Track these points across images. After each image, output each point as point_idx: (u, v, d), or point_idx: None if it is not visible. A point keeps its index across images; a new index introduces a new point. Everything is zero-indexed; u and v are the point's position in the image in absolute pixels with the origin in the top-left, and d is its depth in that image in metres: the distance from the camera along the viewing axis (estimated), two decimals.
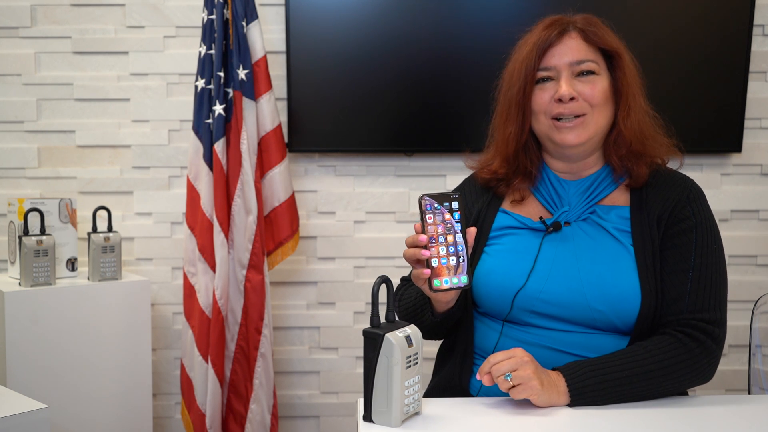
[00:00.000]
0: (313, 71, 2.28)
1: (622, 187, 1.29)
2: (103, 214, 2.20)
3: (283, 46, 2.32)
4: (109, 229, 2.13)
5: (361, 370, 1.50)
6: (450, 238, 1.09)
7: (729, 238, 2.30)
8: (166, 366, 2.42)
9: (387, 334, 0.98)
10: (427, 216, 1.08)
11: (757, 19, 2.31)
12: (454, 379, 1.29)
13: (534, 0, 2.24)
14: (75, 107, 2.34)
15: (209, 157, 2.14)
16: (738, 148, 2.33)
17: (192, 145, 2.17)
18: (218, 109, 2.12)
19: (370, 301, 1.12)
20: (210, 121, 2.14)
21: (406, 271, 1.56)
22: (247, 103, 2.14)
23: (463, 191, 1.41)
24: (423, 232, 1.08)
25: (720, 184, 2.39)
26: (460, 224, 1.10)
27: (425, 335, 1.30)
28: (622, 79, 1.26)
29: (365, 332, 0.99)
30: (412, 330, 1.02)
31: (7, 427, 1.30)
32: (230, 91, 2.15)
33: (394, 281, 1.06)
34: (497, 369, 1.06)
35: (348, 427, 2.44)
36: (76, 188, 2.36)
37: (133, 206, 2.38)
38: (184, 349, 2.20)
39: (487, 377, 1.07)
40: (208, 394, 2.12)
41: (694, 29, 2.27)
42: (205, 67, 2.13)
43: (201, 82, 2.13)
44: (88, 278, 2.09)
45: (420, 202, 1.08)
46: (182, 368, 2.21)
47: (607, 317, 1.18)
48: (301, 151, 2.34)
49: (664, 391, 1.14)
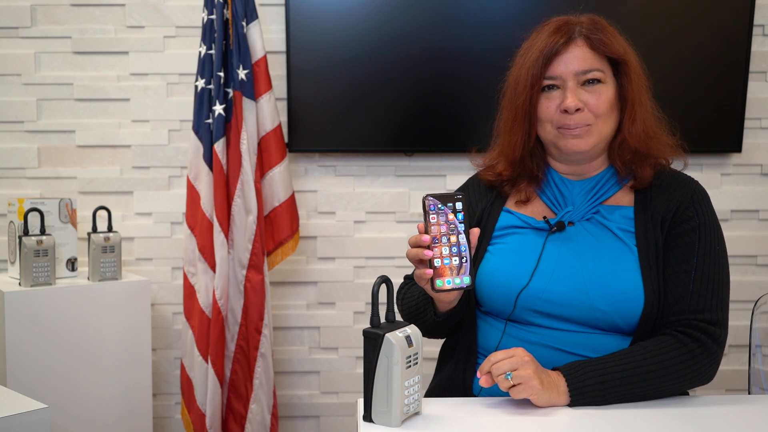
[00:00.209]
0: (313, 71, 2.28)
1: (627, 188, 1.29)
2: (103, 214, 2.20)
3: (283, 46, 2.32)
4: (109, 229, 2.13)
5: (361, 370, 1.50)
6: (453, 239, 1.09)
7: (729, 238, 2.27)
8: (166, 366, 2.42)
9: (387, 334, 0.98)
10: (431, 216, 1.08)
11: (757, 19, 2.31)
12: (456, 378, 1.29)
13: (534, 0, 2.24)
14: (75, 107, 2.34)
15: (209, 157, 2.14)
16: (738, 148, 2.33)
17: (192, 145, 2.17)
18: (218, 109, 2.12)
19: (370, 301, 1.12)
20: (210, 121, 2.14)
21: (407, 271, 1.56)
22: (247, 103, 2.14)
23: (467, 190, 1.41)
24: (426, 232, 1.08)
25: (720, 184, 2.39)
26: (463, 225, 1.10)
27: (427, 334, 1.30)
28: (627, 86, 1.25)
29: (365, 332, 1.00)
30: (412, 330, 1.02)
31: (7, 427, 1.30)
32: (230, 91, 2.15)
33: (394, 281, 1.06)
34: (497, 368, 1.06)
35: (348, 427, 2.44)
36: (76, 188, 2.36)
37: (133, 206, 2.38)
38: (184, 349, 2.20)
39: (485, 378, 1.07)
40: (208, 394, 2.12)
41: (694, 29, 2.27)
42: (205, 67, 2.13)
43: (201, 82, 2.13)
44: (88, 278, 2.09)
45: (423, 202, 1.08)
46: (182, 368, 2.21)
47: (610, 317, 1.18)
48: (301, 151, 2.34)
49: (665, 391, 1.14)
